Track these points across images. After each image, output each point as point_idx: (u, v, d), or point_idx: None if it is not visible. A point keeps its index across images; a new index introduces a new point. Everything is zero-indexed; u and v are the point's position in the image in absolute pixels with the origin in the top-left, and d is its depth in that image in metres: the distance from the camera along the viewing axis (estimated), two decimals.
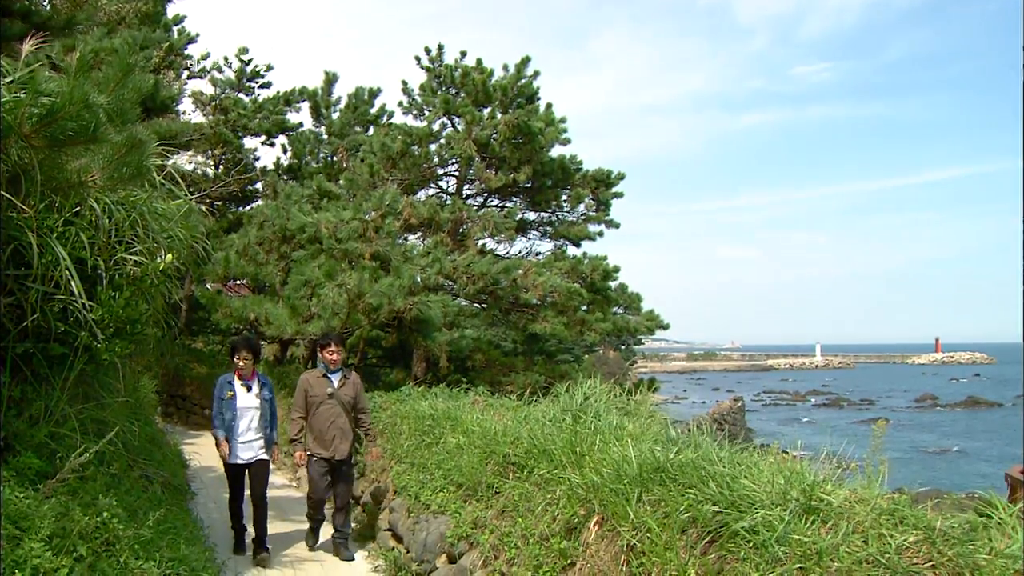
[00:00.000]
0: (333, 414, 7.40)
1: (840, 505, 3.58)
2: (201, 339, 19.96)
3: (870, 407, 56.16)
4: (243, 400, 7.35)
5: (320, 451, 7.38)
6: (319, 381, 7.49)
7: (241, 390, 7.37)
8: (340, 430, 7.41)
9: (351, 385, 7.59)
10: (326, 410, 7.39)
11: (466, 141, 14.84)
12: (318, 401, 7.40)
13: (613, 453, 4.91)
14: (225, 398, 7.32)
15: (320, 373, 7.56)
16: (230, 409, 7.31)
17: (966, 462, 31.32)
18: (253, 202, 19.23)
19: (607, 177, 15.94)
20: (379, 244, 13.11)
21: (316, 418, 7.40)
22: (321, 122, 19.07)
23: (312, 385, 7.47)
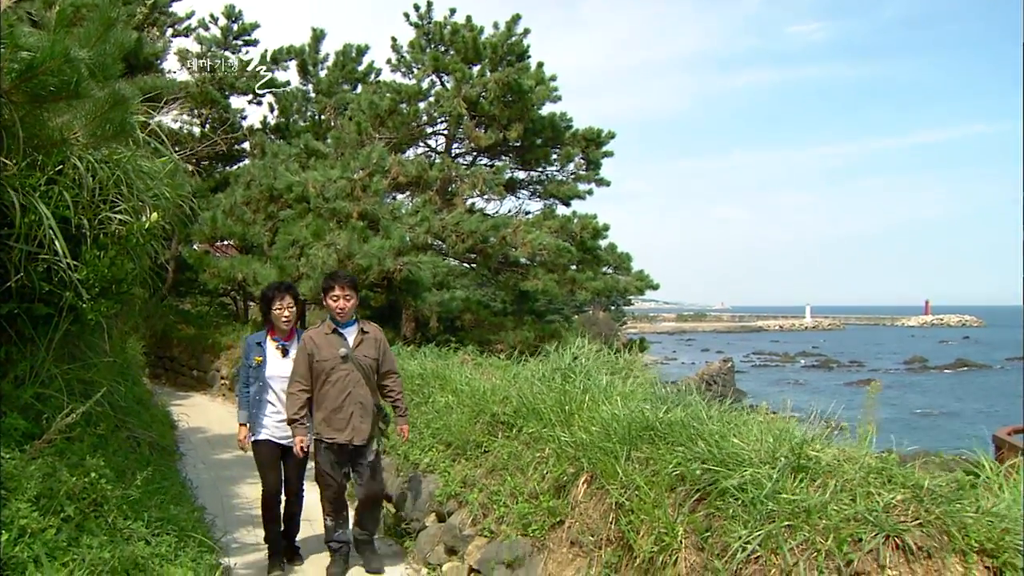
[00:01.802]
0: (350, 383, 5.56)
1: (829, 463, 3.58)
2: (189, 300, 19.85)
3: (859, 369, 56.44)
4: (276, 367, 5.81)
5: (332, 434, 5.58)
6: (328, 340, 5.59)
7: (275, 354, 5.83)
8: (359, 405, 5.59)
9: (372, 342, 5.73)
10: (340, 379, 5.55)
11: (455, 99, 14.69)
12: (328, 367, 5.53)
13: (602, 412, 4.92)
14: (253, 364, 5.81)
15: (328, 328, 5.63)
16: (258, 379, 5.80)
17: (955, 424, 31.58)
18: (240, 161, 19.02)
19: (597, 136, 15.82)
20: (367, 203, 13.03)
21: (326, 390, 5.56)
22: (308, 80, 18.82)
23: (319, 346, 5.57)
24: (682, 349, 73.88)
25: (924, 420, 33.35)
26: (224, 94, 17.60)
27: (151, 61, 13.71)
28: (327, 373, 5.54)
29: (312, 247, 12.33)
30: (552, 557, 4.61)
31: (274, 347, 5.85)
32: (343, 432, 5.57)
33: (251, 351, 5.87)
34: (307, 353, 5.57)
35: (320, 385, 5.57)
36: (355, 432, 5.59)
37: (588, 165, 16.03)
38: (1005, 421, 17.14)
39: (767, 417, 4.43)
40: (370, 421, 5.64)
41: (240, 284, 14.23)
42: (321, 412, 5.60)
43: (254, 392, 5.81)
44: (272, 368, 5.80)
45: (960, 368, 56.71)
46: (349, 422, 5.58)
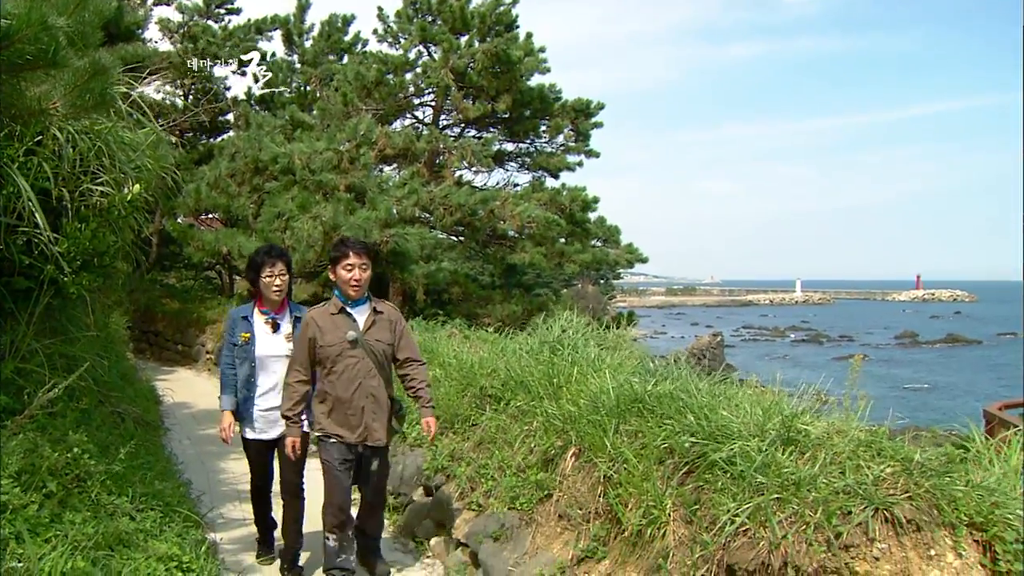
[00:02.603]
0: (360, 373, 4.70)
1: (818, 436, 3.57)
2: (174, 274, 19.72)
3: (850, 343, 56.59)
4: (267, 345, 5.05)
5: (341, 432, 4.75)
6: (333, 321, 4.72)
7: (263, 329, 5.06)
8: (372, 398, 4.75)
9: (386, 324, 4.82)
10: (348, 367, 4.69)
11: (443, 70, 14.55)
12: (334, 353, 4.68)
13: (591, 385, 4.90)
14: (239, 343, 5.05)
15: (334, 307, 4.75)
16: (246, 360, 5.05)
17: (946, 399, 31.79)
18: (224, 133, 18.85)
19: (587, 107, 15.72)
20: (354, 175, 12.93)
21: (333, 381, 4.71)
22: (294, 50, 18.59)
23: (322, 329, 4.70)
24: (671, 323, 74.06)
25: (914, 395, 33.54)
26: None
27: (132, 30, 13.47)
28: (332, 361, 4.65)
29: (298, 219, 12.23)
30: (540, 530, 4.61)
31: (263, 321, 5.05)
32: (354, 431, 4.72)
33: (236, 327, 5.07)
34: (308, 337, 4.68)
35: (324, 375, 4.72)
36: (367, 432, 4.72)
37: (577, 137, 15.94)
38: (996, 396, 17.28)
39: (756, 390, 4.42)
40: (384, 419, 4.77)
41: (225, 257, 14.13)
42: (325, 406, 4.74)
43: (243, 376, 5.05)
44: (262, 346, 5.02)
45: (951, 343, 56.81)
46: (361, 419, 4.71)
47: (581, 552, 4.21)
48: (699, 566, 3.45)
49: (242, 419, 5.11)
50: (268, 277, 5.02)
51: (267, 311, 5.10)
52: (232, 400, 5.09)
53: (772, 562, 3.16)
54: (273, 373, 5.05)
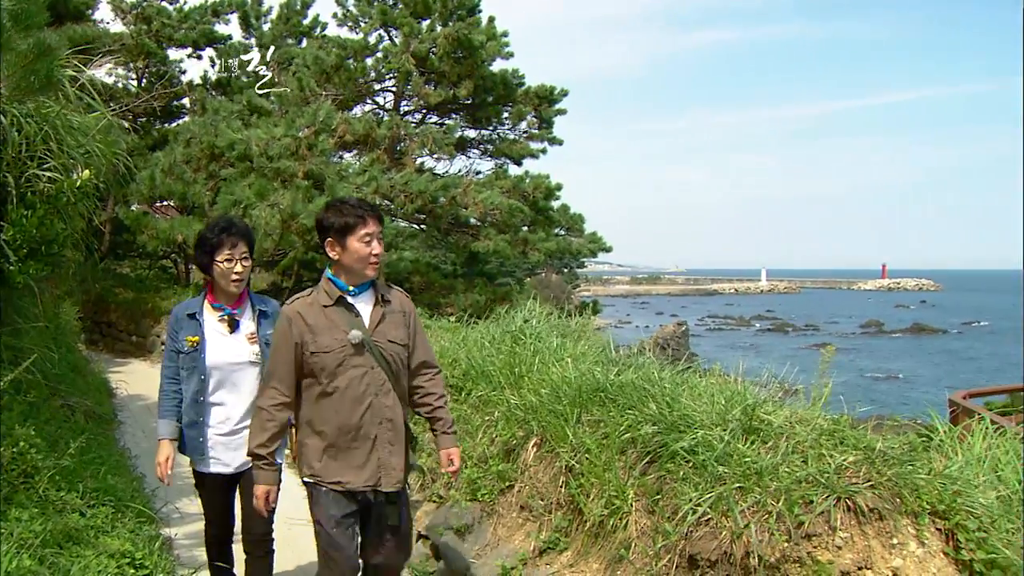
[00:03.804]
0: (371, 389, 3.33)
1: (781, 425, 3.57)
2: (128, 263, 19.35)
3: (815, 332, 57.22)
4: (222, 350, 3.84)
5: (343, 476, 3.34)
6: (328, 317, 3.32)
7: (216, 329, 3.86)
8: (388, 424, 3.37)
9: (399, 318, 3.47)
10: (355, 381, 3.31)
11: (404, 54, 14.38)
12: (332, 363, 3.29)
13: (552, 374, 4.87)
14: (184, 349, 3.83)
15: (327, 297, 3.34)
16: (194, 371, 3.83)
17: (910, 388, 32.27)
18: (179, 118, 18.49)
19: (550, 93, 15.65)
20: (313, 162, 12.77)
21: (330, 401, 3.32)
22: (251, 33, 18.27)
23: (313, 328, 3.31)
24: (636, 312, 74.39)
25: (880, 384, 34.02)
26: (161, 46, 17.00)
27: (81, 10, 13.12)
28: (330, 373, 3.25)
29: (255, 207, 12.05)
30: (501, 522, 4.58)
31: (215, 319, 3.84)
32: (361, 471, 3.31)
33: (180, 328, 3.84)
34: (291, 341, 3.26)
35: (316, 395, 3.31)
36: (382, 471, 3.33)
37: (541, 124, 15.88)
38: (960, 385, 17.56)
39: (719, 379, 4.41)
40: (403, 452, 3.44)
41: (181, 246, 13.87)
42: (318, 439, 3.33)
43: (191, 392, 3.83)
44: (216, 351, 3.81)
45: (916, 332, 57.67)
46: (371, 454, 3.31)
47: (543, 543, 4.20)
48: (661, 556, 3.43)
49: (191, 449, 3.89)
50: (227, 261, 3.76)
51: (221, 305, 3.85)
52: (172, 426, 3.85)
53: (734, 552, 3.15)
54: (233, 386, 3.85)
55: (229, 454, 3.88)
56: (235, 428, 3.87)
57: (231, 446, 3.87)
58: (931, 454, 3.32)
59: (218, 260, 3.81)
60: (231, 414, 3.89)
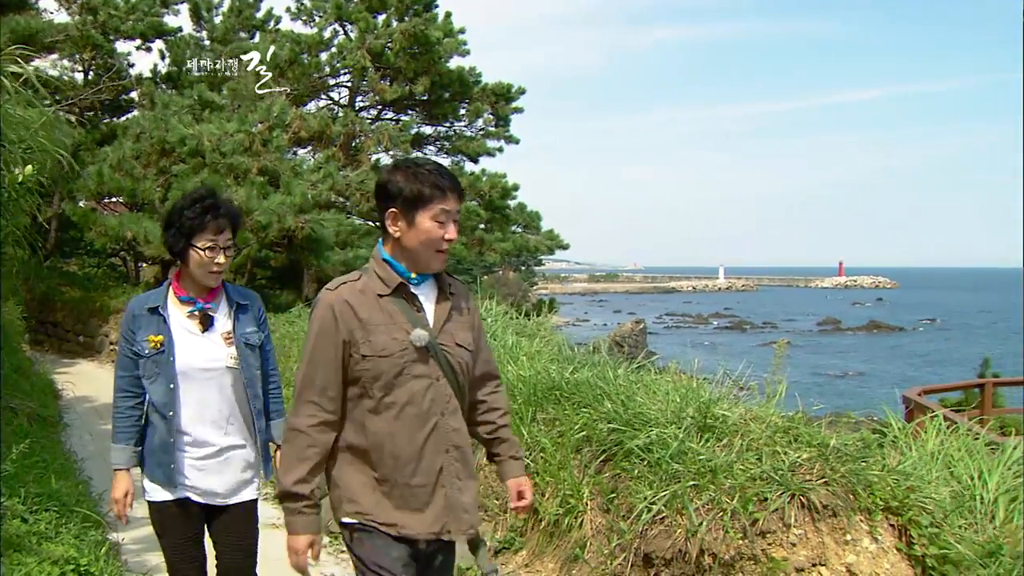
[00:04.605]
0: (436, 406, 2.47)
1: (735, 423, 3.57)
2: (75, 261, 18.93)
3: (773, 330, 57.60)
4: (195, 352, 3.05)
5: (401, 518, 2.45)
6: (383, 309, 2.45)
7: (185, 327, 3.06)
8: (455, 451, 2.51)
9: (465, 316, 2.60)
10: (416, 395, 2.44)
11: (359, 50, 14.25)
12: (391, 371, 2.41)
13: (508, 373, 4.83)
14: (145, 351, 3.02)
15: (383, 285, 2.46)
16: (159, 377, 3.03)
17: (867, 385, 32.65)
18: (128, 112, 18.09)
19: (507, 91, 15.62)
20: (267, 158, 12.60)
21: (384, 421, 2.43)
22: (202, 26, 17.94)
23: (366, 323, 2.42)
24: (594, 310, 74.57)
25: (836, 381, 34.41)
26: (108, 38, 16.61)
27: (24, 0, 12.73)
28: (387, 384, 2.42)
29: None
30: None
31: (183, 315, 3.06)
32: (422, 515, 2.45)
33: (139, 326, 3.03)
34: (338, 339, 2.42)
35: (366, 410, 2.45)
36: (450, 514, 2.46)
37: (497, 121, 15.85)
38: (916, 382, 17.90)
39: (675, 377, 4.40)
40: (474, 488, 2.62)
41: (130, 243, 13.58)
42: (365, 470, 2.47)
43: (156, 402, 3.03)
44: (187, 353, 3.03)
45: (873, 330, 58.52)
46: (434, 492, 2.45)
47: (499, 543, 4.17)
48: (616, 555, 3.41)
49: (155, 474, 3.06)
50: (209, 248, 2.98)
51: (191, 298, 3.08)
52: (130, 452, 3.07)
53: (689, 550, 3.13)
54: (208, 399, 3.07)
55: (203, 480, 3.06)
56: (211, 451, 3.06)
57: (206, 470, 3.05)
58: (885, 451, 3.33)
59: (197, 246, 2.99)
60: (203, 430, 3.07)
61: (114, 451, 3.07)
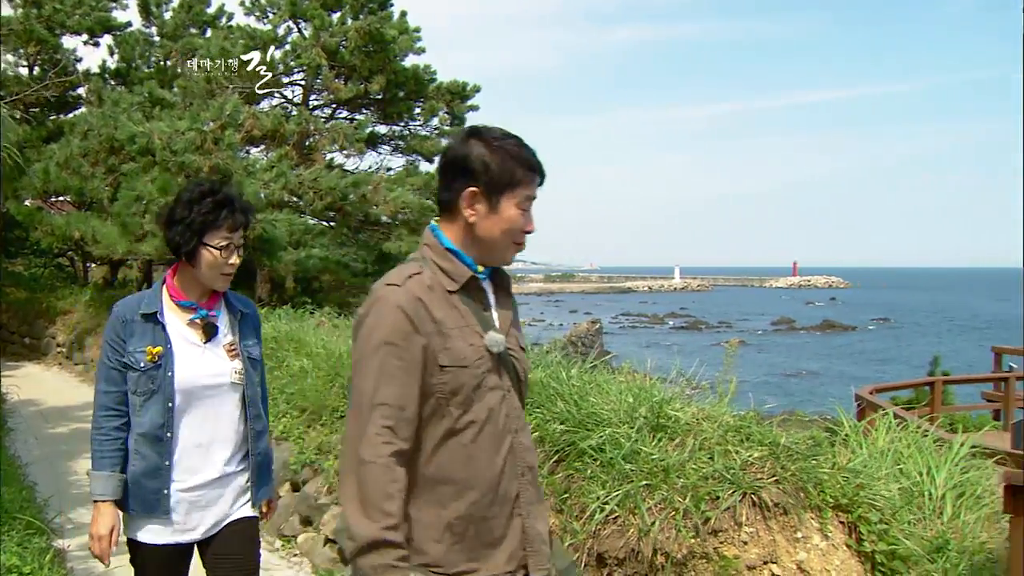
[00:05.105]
0: (510, 423, 2.05)
1: (688, 422, 3.58)
2: (20, 261, 18.54)
3: (728, 329, 58.15)
4: (193, 366, 2.68)
5: (476, 564, 1.97)
6: (455, 307, 1.99)
7: (184, 335, 2.69)
8: (528, 472, 2.08)
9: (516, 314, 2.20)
10: (493, 411, 2.00)
11: (314, 48, 14.10)
12: (471, 383, 1.95)
13: None
14: (141, 364, 2.63)
15: (450, 280, 2.00)
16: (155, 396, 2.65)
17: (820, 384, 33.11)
18: (76, 109, 17.73)
19: (463, 89, 15.58)
20: (219, 157, 12.40)
21: (462, 444, 1.96)
22: (152, 22, 17.63)
23: (443, 326, 1.95)
24: (550, 311, 74.65)
25: (790, 380, 34.87)
26: (54, 33, 16.25)
27: None
28: (466, 399, 1.97)
29: (158, 203, 11.64)
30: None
31: (183, 323, 2.70)
32: (498, 552, 2.01)
33: (132, 333, 2.65)
34: (417, 344, 1.91)
35: (442, 432, 1.97)
36: (528, 547, 2.06)
37: (453, 120, 15.80)
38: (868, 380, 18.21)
39: (628, 377, 4.41)
40: (547, 515, 2.30)
41: (78, 243, 13.30)
42: (437, 506, 1.96)
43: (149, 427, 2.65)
44: (187, 367, 2.66)
45: (826, 329, 59.43)
46: (510, 523, 2.04)
47: None
48: (569, 555, 3.39)
49: (142, 507, 2.67)
50: (223, 248, 2.65)
51: (191, 303, 2.70)
52: (116, 480, 2.65)
53: (642, 549, 3.13)
54: (208, 419, 2.71)
55: (195, 515, 2.69)
56: (206, 481, 2.69)
57: (199, 504, 2.69)
58: (836, 449, 3.37)
59: (211, 245, 2.63)
60: (201, 457, 2.70)
61: (96, 479, 2.65)
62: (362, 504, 1.82)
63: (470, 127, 2.12)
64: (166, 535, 2.66)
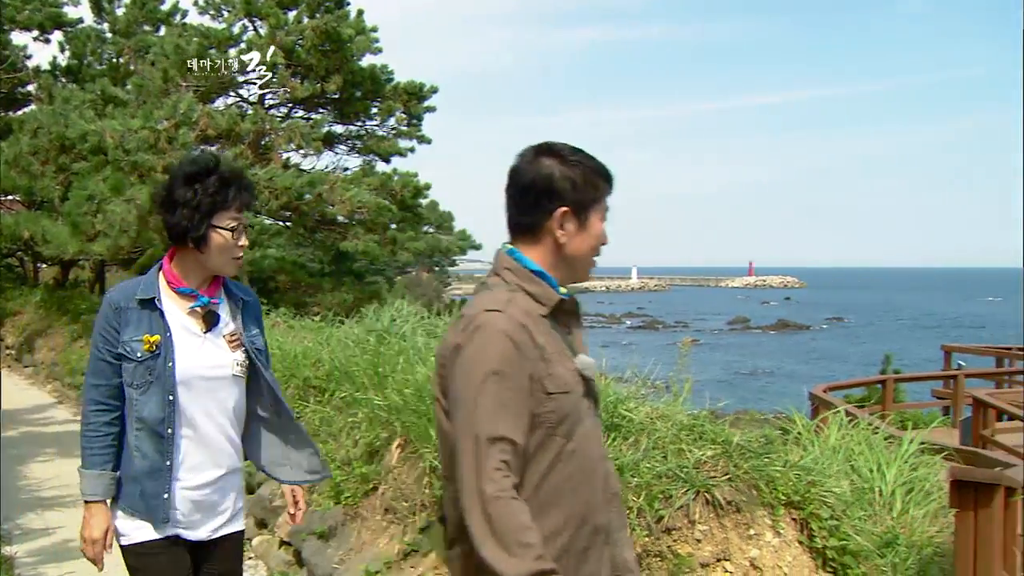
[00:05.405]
0: (600, 448, 2.02)
1: (642, 422, 3.60)
2: None
3: (685, 329, 58.39)
4: (195, 356, 2.49)
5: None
6: (551, 332, 1.91)
7: (184, 324, 2.50)
8: (614, 498, 2.03)
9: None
10: (590, 436, 1.94)
11: (270, 46, 13.96)
12: (573, 410, 1.88)
13: (417, 374, 4.79)
14: (138, 354, 2.44)
15: (539, 303, 1.91)
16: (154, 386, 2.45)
17: (775, 383, 33.49)
18: (25, 106, 17.41)
19: (419, 90, 15.52)
20: (173, 156, 12.24)
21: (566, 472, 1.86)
22: (104, 18, 17.34)
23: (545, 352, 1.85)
24: None
25: (746, 379, 35.20)
26: (3, 28, 15.94)
27: None
28: (570, 426, 1.87)
29: (110, 203, 11.48)
30: (366, 525, 4.50)
31: (183, 311, 2.50)
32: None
33: (128, 321, 2.46)
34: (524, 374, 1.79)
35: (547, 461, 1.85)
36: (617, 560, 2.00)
37: (410, 120, 15.73)
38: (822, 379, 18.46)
39: None
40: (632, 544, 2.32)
41: (27, 243, 13.04)
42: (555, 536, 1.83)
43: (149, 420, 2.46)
44: (188, 356, 2.48)
45: (781, 328, 60.18)
46: (603, 552, 1.95)
47: (407, 546, 4.12)
48: None
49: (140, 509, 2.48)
50: (232, 229, 2.48)
51: (191, 290, 2.51)
52: (108, 479, 2.49)
53: None
54: (211, 415, 2.53)
55: (198, 515, 2.53)
56: (212, 479, 2.53)
57: (203, 505, 2.52)
58: (788, 447, 3.41)
59: (220, 227, 2.44)
60: (205, 454, 2.53)
61: (86, 478, 2.48)
62: (500, 542, 1.67)
63: (538, 145, 2.00)
64: (166, 529, 2.49)
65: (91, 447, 2.48)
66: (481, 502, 1.68)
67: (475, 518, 1.68)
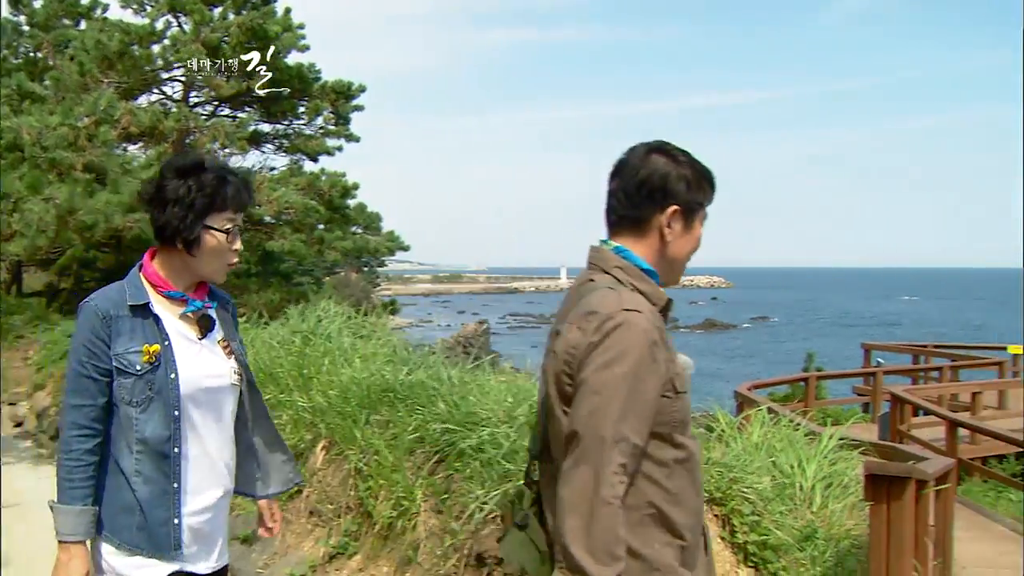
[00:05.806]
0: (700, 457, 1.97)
1: None
2: None
3: None
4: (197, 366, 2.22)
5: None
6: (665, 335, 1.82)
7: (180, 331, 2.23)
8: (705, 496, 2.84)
9: None
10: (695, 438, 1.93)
11: (194, 43, 13.65)
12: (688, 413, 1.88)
13: (342, 375, 4.75)
14: (135, 367, 2.13)
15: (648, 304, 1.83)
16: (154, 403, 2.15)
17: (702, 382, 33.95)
18: None
19: (347, 89, 15.36)
20: (93, 154, 11.90)
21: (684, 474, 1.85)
22: (21, 11, 16.74)
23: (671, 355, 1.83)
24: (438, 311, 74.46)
25: None
26: None
27: None
28: (687, 428, 1.88)
29: (27, 201, 11.09)
30: (290, 529, 4.47)
31: (175, 316, 2.25)
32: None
33: (120, 332, 2.16)
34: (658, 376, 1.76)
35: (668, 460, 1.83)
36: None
37: (337, 120, 15.57)
38: (748, 377, 18.84)
39: (509, 377, 4.43)
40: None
41: None
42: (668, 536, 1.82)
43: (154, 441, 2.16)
44: (190, 369, 2.22)
45: (708, 328, 61.29)
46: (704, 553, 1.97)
47: (333, 549, 4.10)
48: (449, 556, 3.39)
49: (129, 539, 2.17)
50: (230, 230, 2.28)
51: (181, 295, 2.27)
52: (90, 517, 2.15)
53: None
54: (210, 429, 2.28)
55: (200, 544, 2.26)
56: (213, 502, 2.27)
57: (204, 531, 2.26)
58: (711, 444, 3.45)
59: (216, 228, 2.24)
60: (208, 474, 2.26)
61: (62, 515, 2.12)
62: (593, 544, 1.65)
63: (652, 143, 1.96)
64: (171, 562, 2.19)
65: (71, 479, 2.13)
66: (593, 503, 1.65)
67: (577, 511, 1.65)
